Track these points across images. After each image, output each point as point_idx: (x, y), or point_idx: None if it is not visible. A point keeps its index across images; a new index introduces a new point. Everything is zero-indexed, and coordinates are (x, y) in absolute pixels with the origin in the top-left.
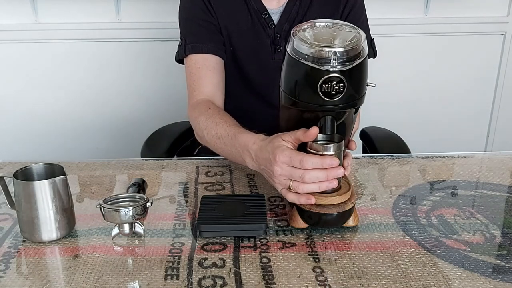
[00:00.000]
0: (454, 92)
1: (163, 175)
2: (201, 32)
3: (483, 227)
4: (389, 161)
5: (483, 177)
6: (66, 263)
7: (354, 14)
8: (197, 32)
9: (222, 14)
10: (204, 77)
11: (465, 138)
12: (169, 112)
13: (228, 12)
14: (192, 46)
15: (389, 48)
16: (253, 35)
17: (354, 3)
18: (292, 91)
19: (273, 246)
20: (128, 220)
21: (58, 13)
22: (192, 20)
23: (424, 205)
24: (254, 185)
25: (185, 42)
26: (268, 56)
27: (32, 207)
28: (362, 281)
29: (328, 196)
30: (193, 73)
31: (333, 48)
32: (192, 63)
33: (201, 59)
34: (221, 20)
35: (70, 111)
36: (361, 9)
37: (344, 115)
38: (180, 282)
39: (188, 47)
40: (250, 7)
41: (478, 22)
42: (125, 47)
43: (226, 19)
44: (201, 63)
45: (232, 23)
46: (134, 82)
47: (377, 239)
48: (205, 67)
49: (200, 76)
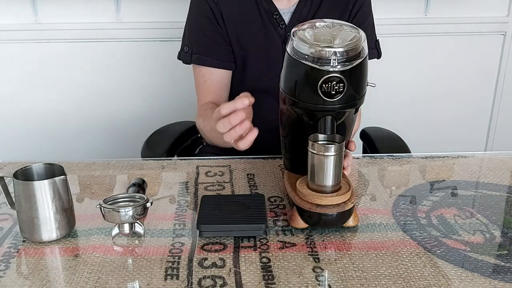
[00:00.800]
0: (454, 92)
1: (163, 175)
2: (208, 44)
3: (483, 227)
4: (389, 161)
5: (483, 177)
6: (66, 263)
7: (362, 14)
8: (204, 44)
9: (231, 19)
10: (209, 90)
11: (465, 138)
12: (169, 112)
13: (238, 15)
14: (198, 57)
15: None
16: (264, 36)
17: (363, 3)
18: (292, 91)
19: (273, 246)
20: (128, 220)
21: (58, 13)
22: (199, 30)
23: (424, 205)
24: (254, 185)
25: (192, 51)
26: (279, 56)
27: (32, 207)
28: (362, 281)
29: (328, 196)
30: (200, 84)
31: (333, 48)
32: (200, 74)
33: (208, 73)
34: (230, 26)
35: (70, 111)
36: (369, 9)
37: (344, 115)
38: (180, 282)
39: (194, 57)
40: (261, 8)
41: (478, 22)
42: (125, 47)
43: (236, 23)
44: (207, 76)
45: (242, 26)
46: (134, 82)
47: (377, 239)
48: (210, 81)
49: (205, 88)
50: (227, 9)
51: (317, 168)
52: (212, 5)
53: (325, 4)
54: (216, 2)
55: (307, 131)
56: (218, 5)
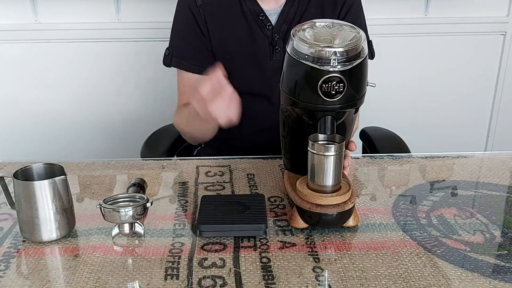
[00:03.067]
0: (454, 92)
1: (163, 175)
2: (187, 49)
3: (483, 227)
4: (389, 161)
5: (483, 177)
6: (66, 263)
7: (352, 15)
8: (184, 49)
9: (215, 22)
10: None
11: (465, 138)
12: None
13: (222, 18)
14: (177, 61)
15: (389, 48)
16: (250, 38)
17: (352, 4)
18: (292, 91)
19: (273, 246)
20: (128, 220)
21: (58, 13)
22: (179, 34)
23: (424, 205)
24: (254, 185)
25: (172, 54)
26: (267, 58)
27: (32, 207)
28: (362, 281)
29: (328, 196)
30: (180, 89)
31: (333, 48)
32: (179, 79)
33: (186, 78)
34: (213, 30)
35: (70, 111)
36: (359, 10)
37: (344, 115)
38: (180, 282)
39: (174, 60)
40: (246, 10)
41: (478, 22)
42: (125, 47)
43: (221, 26)
44: (186, 81)
45: (227, 29)
46: (134, 82)
47: (377, 239)
48: (188, 87)
49: (184, 93)
50: (210, 12)
51: (317, 168)
52: (195, 9)
53: (312, 4)
54: (199, 6)
55: (307, 131)
56: (201, 9)
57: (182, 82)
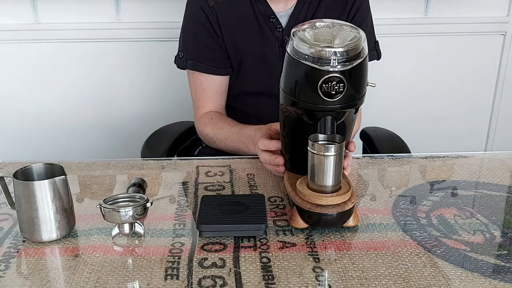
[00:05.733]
0: (454, 92)
1: (163, 175)
2: (203, 51)
3: (483, 227)
4: (389, 161)
5: (483, 177)
6: (66, 263)
7: (361, 15)
8: (199, 50)
9: (227, 23)
10: (208, 98)
11: (465, 138)
12: (169, 112)
13: (234, 19)
14: (193, 63)
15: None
16: (260, 39)
17: (361, 4)
18: (292, 91)
19: (273, 246)
20: (128, 220)
21: (58, 13)
22: (193, 36)
23: (424, 205)
24: (254, 185)
25: (187, 56)
26: (277, 59)
27: (32, 207)
28: (362, 281)
29: (328, 196)
30: (198, 92)
31: (333, 48)
32: (197, 82)
33: (206, 81)
34: (225, 31)
35: (70, 111)
36: (367, 10)
37: (344, 115)
38: (180, 282)
39: (190, 63)
40: (257, 12)
41: (478, 22)
42: (125, 47)
43: (232, 27)
44: (206, 84)
45: (238, 30)
46: (134, 82)
47: (377, 239)
48: (208, 90)
49: (204, 97)
50: (222, 14)
51: (317, 168)
52: (207, 10)
53: (322, 6)
54: (211, 7)
55: (307, 131)
56: (214, 10)
57: (201, 85)
